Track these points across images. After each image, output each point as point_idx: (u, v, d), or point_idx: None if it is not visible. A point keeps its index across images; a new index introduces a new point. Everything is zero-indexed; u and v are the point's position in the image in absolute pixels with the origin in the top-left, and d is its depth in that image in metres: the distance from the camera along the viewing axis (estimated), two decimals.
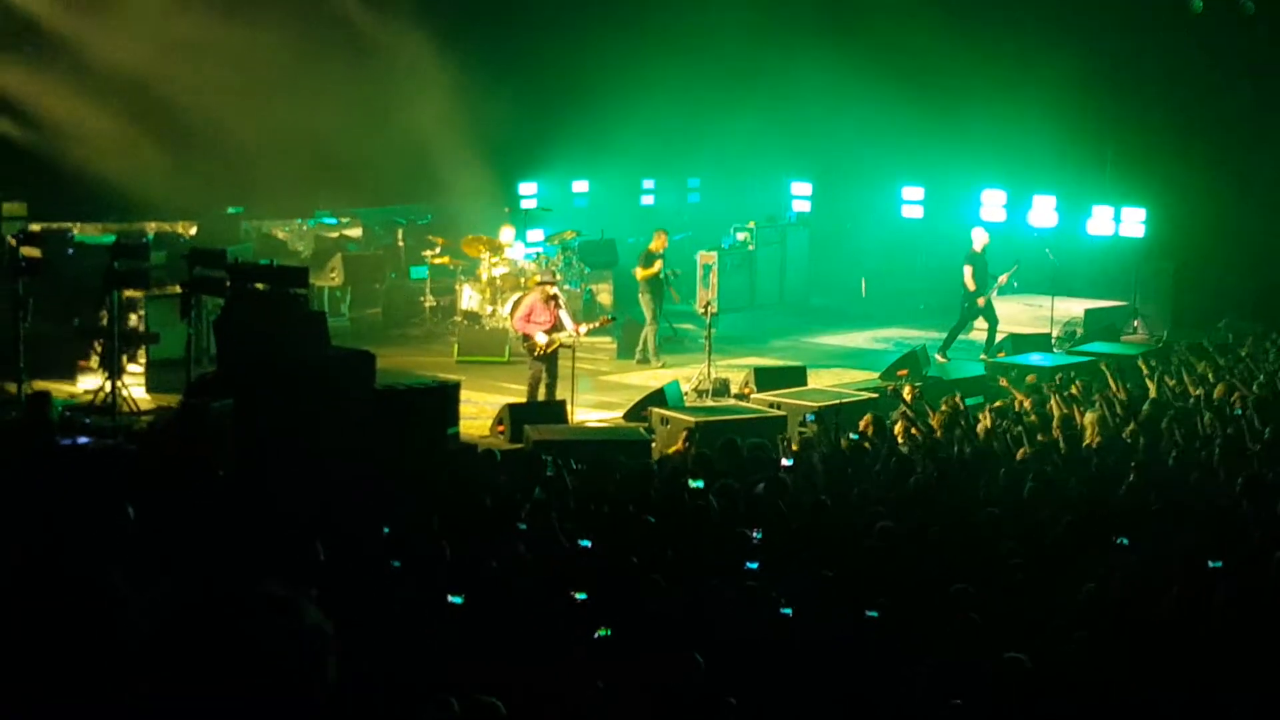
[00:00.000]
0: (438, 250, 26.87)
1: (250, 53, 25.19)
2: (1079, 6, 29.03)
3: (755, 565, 11.50)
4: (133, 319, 20.58)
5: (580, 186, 31.93)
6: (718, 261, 28.74)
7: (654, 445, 18.20)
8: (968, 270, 24.82)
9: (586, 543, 12.03)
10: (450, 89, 27.11)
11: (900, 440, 16.88)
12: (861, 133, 30.06)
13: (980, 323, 25.24)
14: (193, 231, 27.04)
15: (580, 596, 10.18)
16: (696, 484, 14.05)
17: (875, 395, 20.72)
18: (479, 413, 19.89)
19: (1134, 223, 28.92)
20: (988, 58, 28.60)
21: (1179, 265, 28.11)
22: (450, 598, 10.43)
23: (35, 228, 20.77)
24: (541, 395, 20.29)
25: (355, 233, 29.47)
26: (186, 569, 9.94)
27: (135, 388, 19.50)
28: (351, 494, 13.39)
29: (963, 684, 9.02)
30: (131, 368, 19.94)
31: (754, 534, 12.13)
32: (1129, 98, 28.28)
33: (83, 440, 16.92)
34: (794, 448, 16.76)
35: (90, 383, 19.82)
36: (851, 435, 17.06)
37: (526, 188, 30.14)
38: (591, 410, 20.69)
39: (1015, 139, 28.81)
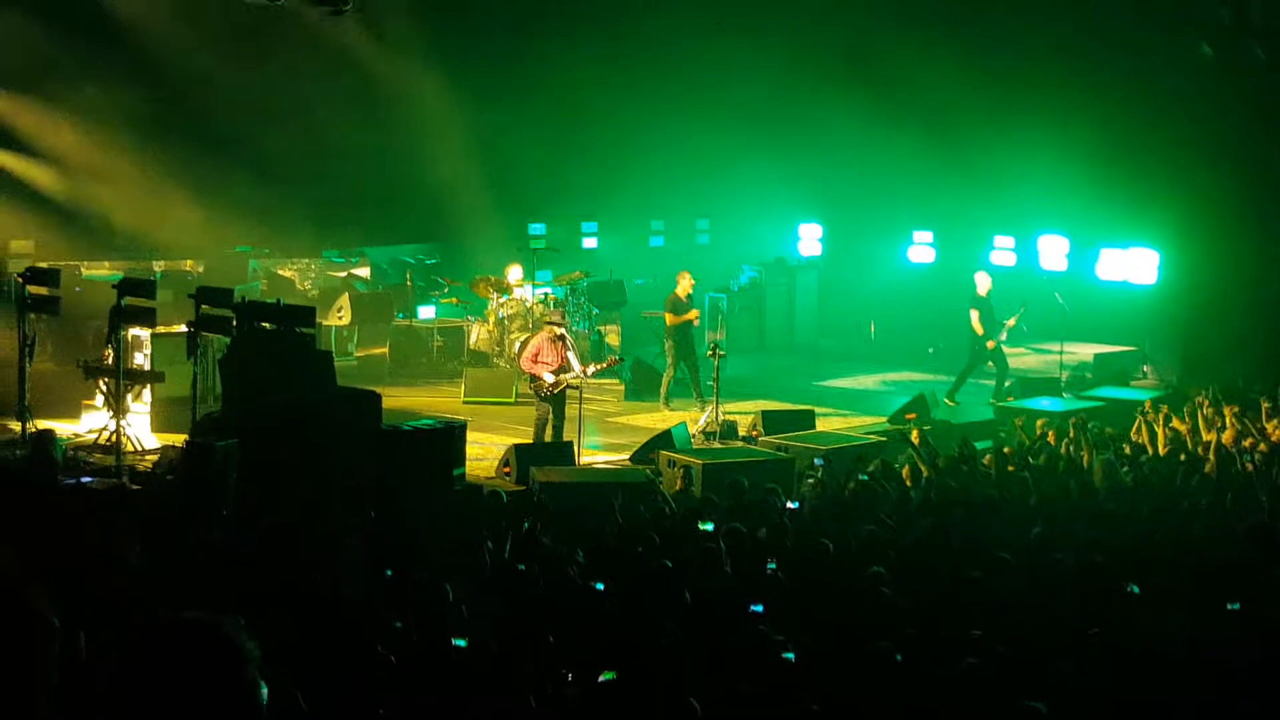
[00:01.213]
0: (446, 290, 26.88)
1: (260, 88, 25.25)
2: (1090, 50, 29.00)
3: (761, 609, 11.43)
4: (138, 357, 20.51)
5: (589, 227, 31.94)
6: (726, 303, 28.70)
7: (661, 487, 18.10)
8: (974, 314, 24.75)
9: (600, 585, 11.97)
10: (461, 130, 27.17)
11: (908, 484, 16.79)
12: (871, 175, 30.11)
13: (990, 367, 25.15)
14: (200, 269, 27.04)
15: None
16: (706, 526, 13.98)
17: (884, 439, 20.64)
18: (485, 453, 19.82)
19: (1145, 267, 28.87)
20: (998, 101, 28.58)
21: (1190, 310, 28.00)
22: (454, 641, 10.36)
23: (43, 265, 20.72)
24: (548, 436, 20.20)
25: (363, 272, 29.47)
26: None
27: (140, 427, 19.43)
28: (356, 534, 13.30)
29: None
30: (136, 406, 19.86)
31: (768, 566, 12.08)
32: (1138, 141, 28.21)
33: (86, 480, 16.85)
34: (803, 490, 16.67)
35: (95, 421, 19.76)
36: (860, 478, 16.96)
37: (535, 228, 30.15)
38: (598, 452, 20.62)
39: (1025, 183, 28.80)
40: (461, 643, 10.44)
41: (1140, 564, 12.70)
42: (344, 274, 29.15)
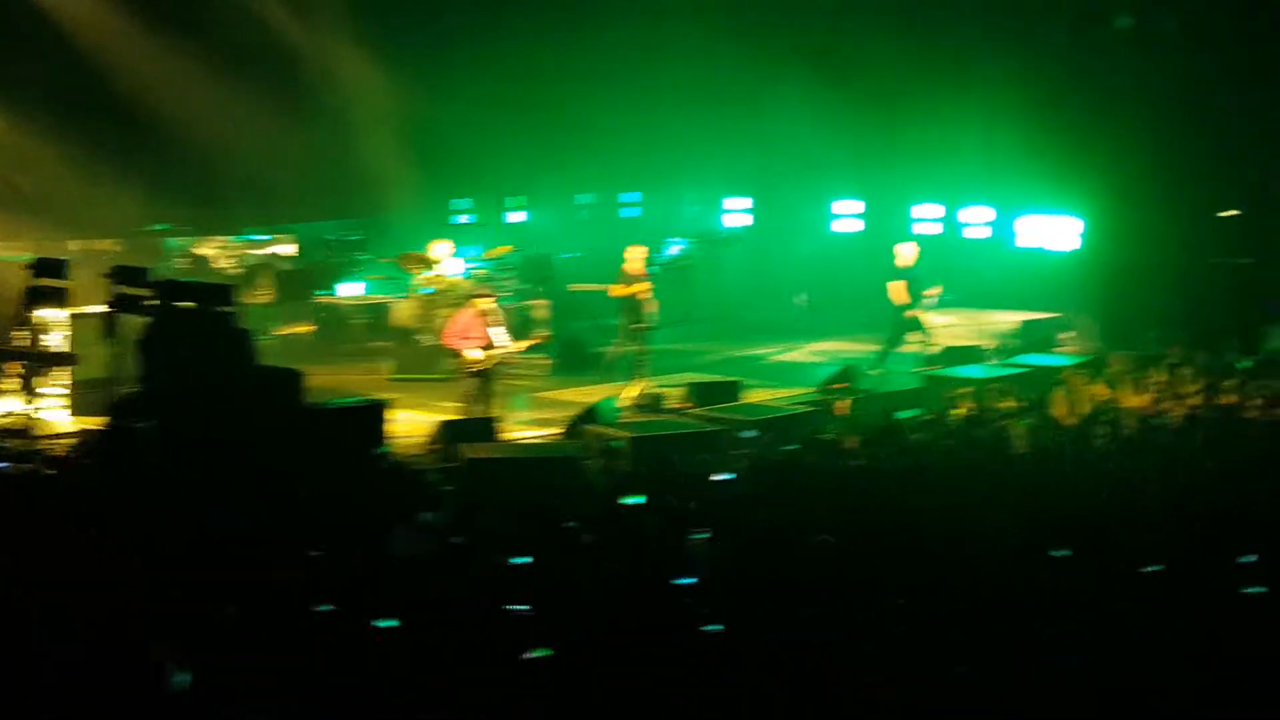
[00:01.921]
0: (371, 267, 26.67)
1: (179, 66, 24.98)
2: (1016, 23, 29.12)
3: (693, 581, 11.42)
4: (56, 338, 20.23)
5: (516, 202, 31.79)
6: (654, 276, 28.59)
7: (589, 462, 18.05)
8: (898, 285, 24.82)
9: (526, 559, 11.92)
10: (386, 105, 26.96)
11: (837, 453, 16.82)
12: (798, 147, 30.11)
13: (915, 336, 25.23)
14: (119, 249, 26.70)
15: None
16: (635, 500, 13.95)
17: (812, 409, 20.67)
18: (412, 430, 19.70)
19: (1066, 235, 29.04)
20: (923, 72, 28.67)
21: (1110, 278, 28.20)
22: (381, 622, 10.28)
23: None
24: (476, 412, 20.10)
25: (286, 249, 29.17)
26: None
27: (57, 410, 19.17)
28: (279, 515, 13.19)
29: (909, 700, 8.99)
30: (52, 389, 19.59)
31: (702, 536, 12.08)
32: (1061, 113, 28.35)
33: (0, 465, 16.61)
34: (735, 462, 16.68)
35: (9, 405, 19.47)
36: (789, 448, 16.98)
37: (461, 203, 29.97)
38: (527, 428, 20.54)
39: (951, 153, 28.92)
40: (393, 623, 10.37)
41: (1063, 529, 12.80)
42: (266, 251, 28.86)
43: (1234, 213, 28.53)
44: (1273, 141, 27.93)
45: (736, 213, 33.35)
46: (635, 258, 24.09)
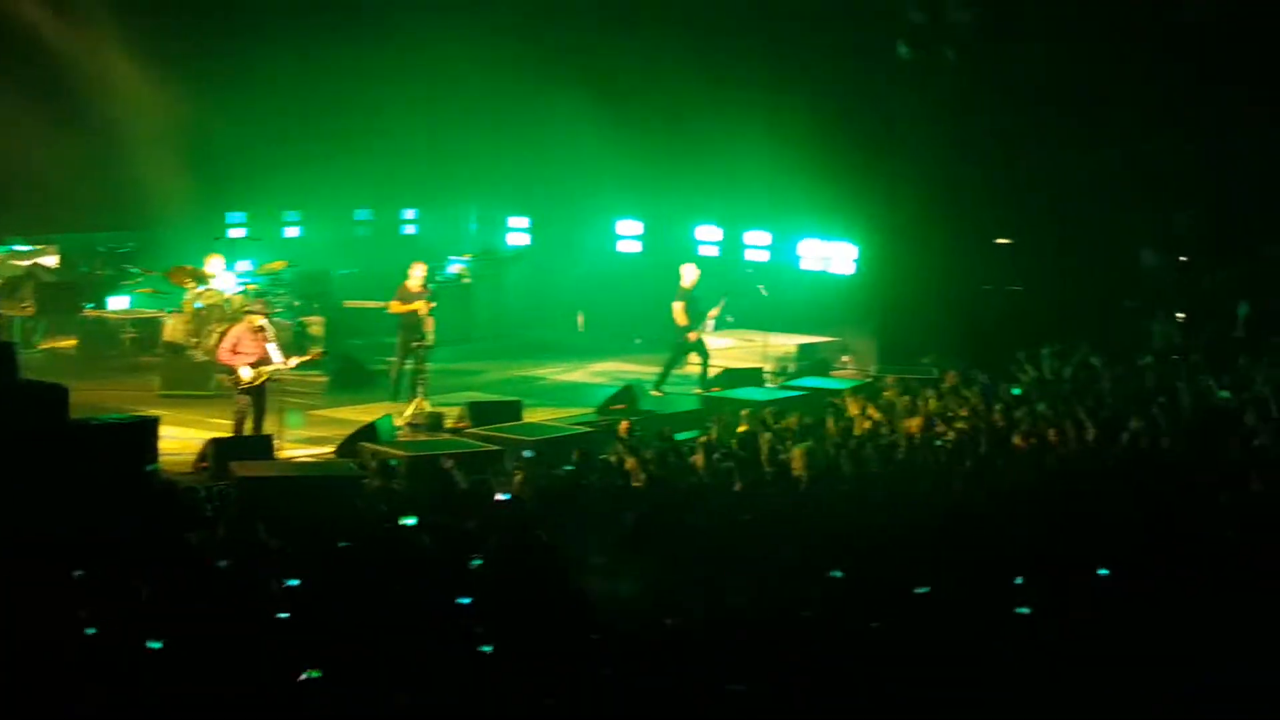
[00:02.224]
0: (140, 280, 26.11)
1: None
2: (796, 49, 29.47)
3: (469, 601, 11.34)
4: None
5: (292, 216, 31.33)
6: (433, 295, 28.34)
7: (365, 481, 17.80)
8: (679, 307, 24.95)
9: (295, 582, 11.72)
10: (157, 113, 26.41)
11: (616, 475, 16.80)
12: (579, 165, 30.10)
13: (695, 358, 25.36)
14: None
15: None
16: (408, 520, 13.80)
17: (591, 430, 20.65)
18: (182, 448, 19.27)
19: (843, 260, 29.45)
20: (704, 94, 28.84)
21: (886, 302, 28.66)
22: (149, 644, 10.04)
23: None
24: (248, 430, 19.73)
25: (50, 260, 28.27)
26: None
27: None
28: (42, 534, 12.79)
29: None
30: None
31: (472, 563, 11.99)
32: (840, 139, 28.76)
33: None
34: (513, 482, 16.56)
35: None
36: (568, 469, 16.93)
37: (236, 217, 29.45)
38: (301, 446, 20.22)
39: (731, 176, 29.16)
40: (156, 645, 10.12)
41: (840, 550, 12.94)
42: (28, 262, 27.98)
43: (1006, 241, 29.25)
44: (1044, 171, 28.70)
45: (518, 231, 33.27)
46: (415, 275, 23.97)
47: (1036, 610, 11.37)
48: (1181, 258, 29.32)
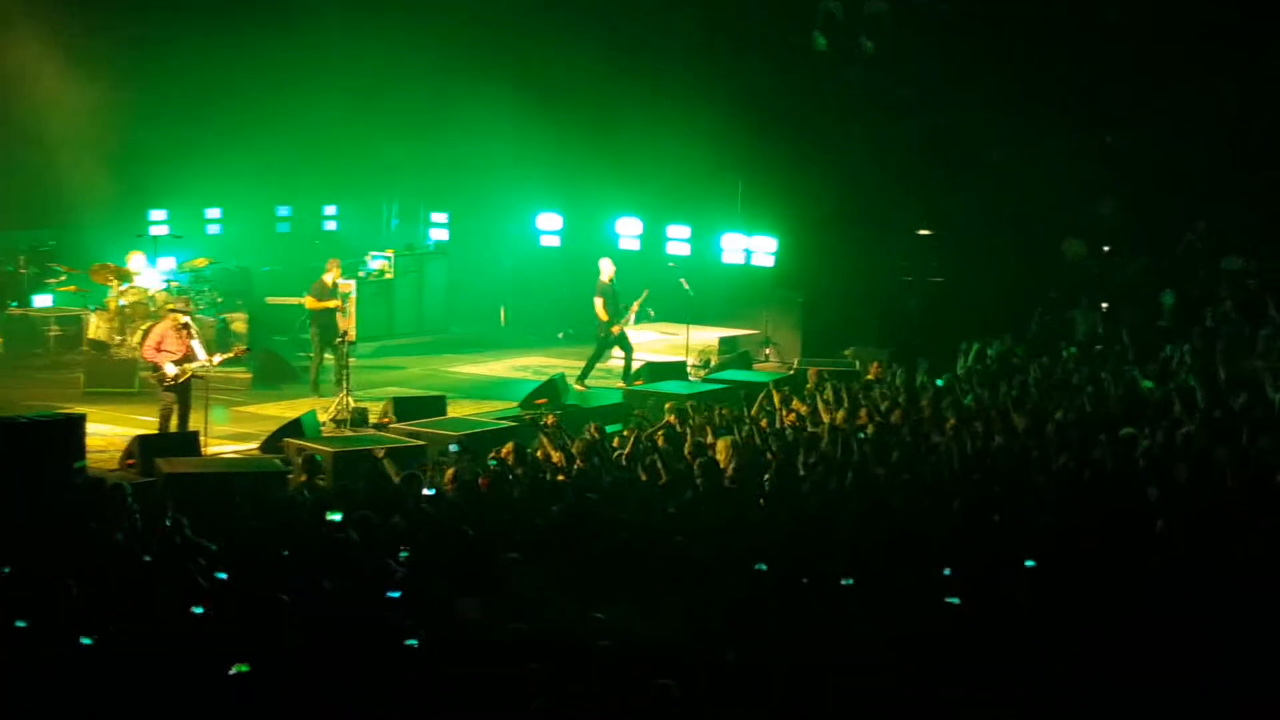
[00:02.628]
0: (63, 278, 25.99)
1: None
2: (714, 43, 29.64)
3: (397, 595, 11.41)
4: None
5: (213, 213, 31.22)
6: (355, 290, 28.36)
7: (290, 477, 17.85)
8: (599, 301, 25.07)
9: (223, 575, 11.77)
10: (78, 109, 26.27)
11: (540, 469, 16.90)
12: (498, 160, 30.15)
13: (617, 351, 25.50)
14: None
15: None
16: (334, 516, 13.84)
17: (515, 424, 20.75)
18: (108, 445, 19.24)
19: (764, 253, 29.61)
20: (624, 87, 28.99)
21: (807, 294, 28.84)
22: (80, 639, 10.08)
23: None
24: (174, 426, 19.73)
25: None
26: None
27: None
28: None
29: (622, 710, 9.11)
30: None
31: (400, 556, 12.06)
32: (759, 131, 28.96)
33: None
34: (437, 478, 16.62)
35: None
36: (491, 463, 17.00)
37: (157, 214, 29.32)
38: (226, 442, 20.22)
39: (651, 169, 29.28)
40: (87, 640, 10.17)
41: (765, 543, 13.06)
42: None
43: (928, 232, 29.50)
44: (965, 162, 28.96)
45: (438, 226, 33.25)
46: (332, 270, 24.13)
47: (965, 601, 11.48)
48: (1104, 247, 29.64)
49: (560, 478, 16.46)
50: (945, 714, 9.69)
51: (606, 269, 25.39)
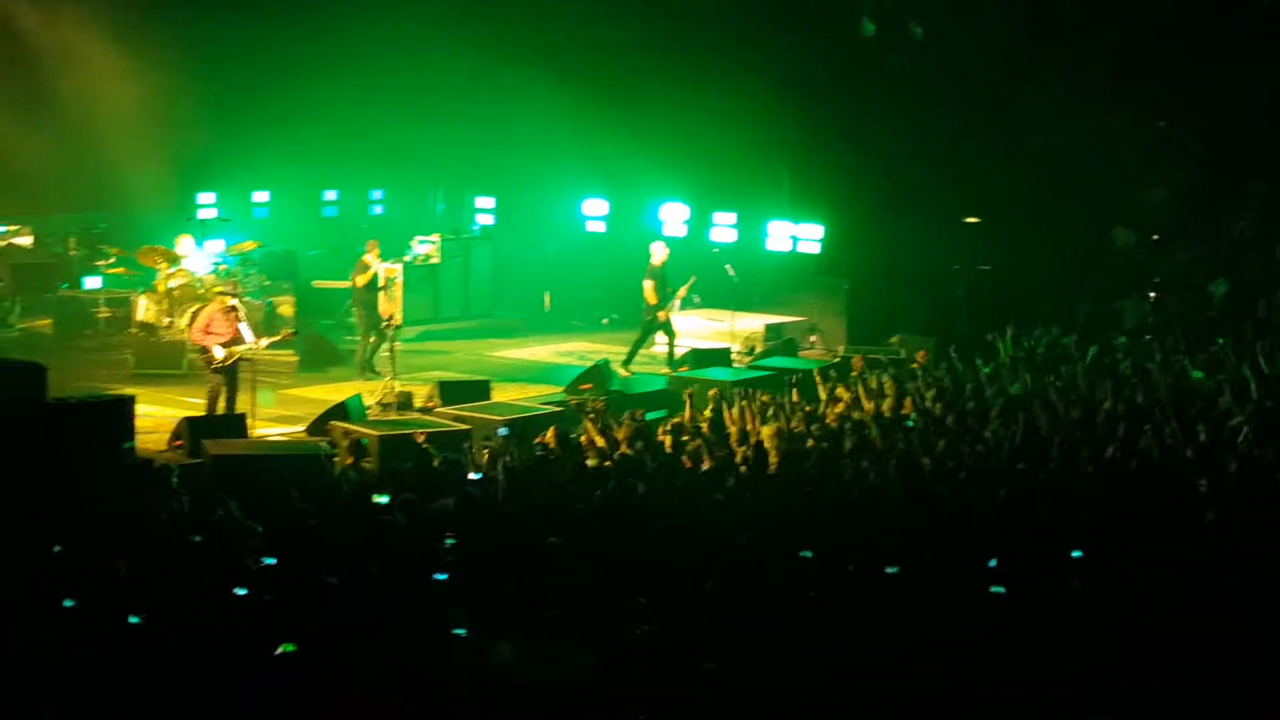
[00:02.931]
0: (113, 260, 26.16)
1: None
2: (759, 28, 29.55)
3: (444, 577, 11.45)
4: None
5: (261, 197, 31.35)
6: (401, 274, 28.44)
7: (336, 460, 17.92)
8: (648, 285, 25.06)
9: (271, 560, 11.82)
10: (128, 94, 26.42)
11: (586, 453, 16.93)
12: (545, 145, 30.16)
13: (662, 337, 25.50)
14: None
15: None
16: (381, 499, 13.91)
17: (560, 409, 20.77)
18: (156, 427, 19.36)
19: (810, 240, 29.53)
20: (671, 72, 28.93)
21: (853, 282, 28.76)
22: (128, 618, 10.15)
23: None
24: (221, 409, 19.85)
25: (25, 240, 28.37)
26: None
27: None
28: (22, 512, 12.89)
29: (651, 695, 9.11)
30: None
31: (445, 542, 12.09)
32: (805, 117, 28.86)
33: None
34: (482, 461, 16.68)
35: None
36: (537, 448, 17.03)
37: (205, 197, 29.47)
38: (273, 424, 20.32)
39: (697, 155, 29.24)
40: (134, 620, 10.24)
41: (808, 530, 13.03)
42: (3, 242, 28.07)
43: (975, 220, 29.37)
44: (1014, 148, 28.81)
45: (484, 211, 33.29)
46: (371, 250, 24.24)
47: (1011, 591, 11.42)
48: (1154, 236, 29.45)
49: (605, 463, 16.48)
50: (980, 706, 9.65)
51: (659, 253, 25.37)
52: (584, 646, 9.85)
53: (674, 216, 30.68)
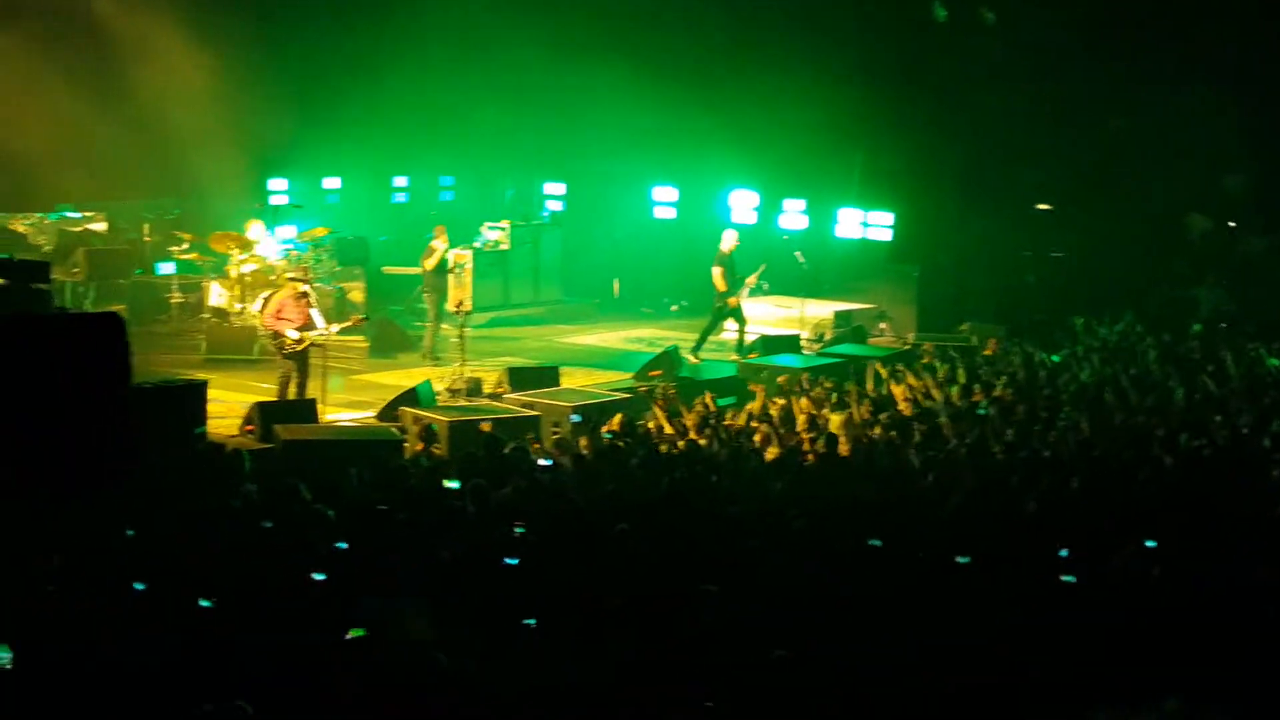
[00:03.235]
0: (185, 246, 26.32)
1: None
2: (830, 14, 29.43)
3: (515, 561, 11.47)
4: None
5: (332, 183, 31.52)
6: (471, 261, 28.49)
7: (406, 445, 17.98)
8: (718, 271, 25.04)
9: (343, 545, 11.87)
10: (200, 80, 26.57)
11: (655, 440, 16.92)
12: (614, 132, 30.15)
13: (732, 324, 25.47)
14: None
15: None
16: (452, 484, 13.95)
17: (629, 396, 20.76)
18: (228, 411, 19.46)
19: (881, 227, 29.44)
20: (741, 59, 28.88)
21: (924, 269, 28.65)
22: (200, 601, 10.22)
23: None
24: (292, 394, 19.94)
25: (99, 226, 28.63)
26: None
27: None
28: (97, 494, 13.01)
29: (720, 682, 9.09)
30: None
31: (515, 529, 12.11)
32: (876, 104, 28.73)
33: None
34: (549, 448, 16.70)
35: None
36: (605, 435, 17.04)
37: (277, 183, 29.64)
38: (343, 410, 20.42)
39: (766, 142, 29.16)
40: (206, 603, 10.31)
41: (879, 519, 12.98)
42: (79, 229, 28.32)
43: (1047, 207, 29.18)
44: (1086, 135, 28.56)
45: (554, 198, 33.35)
46: (439, 236, 24.36)
47: (1082, 581, 11.33)
48: (1230, 223, 29.15)
49: (674, 450, 16.46)
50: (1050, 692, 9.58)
51: (729, 240, 25.34)
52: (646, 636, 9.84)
53: (743, 203, 30.64)
